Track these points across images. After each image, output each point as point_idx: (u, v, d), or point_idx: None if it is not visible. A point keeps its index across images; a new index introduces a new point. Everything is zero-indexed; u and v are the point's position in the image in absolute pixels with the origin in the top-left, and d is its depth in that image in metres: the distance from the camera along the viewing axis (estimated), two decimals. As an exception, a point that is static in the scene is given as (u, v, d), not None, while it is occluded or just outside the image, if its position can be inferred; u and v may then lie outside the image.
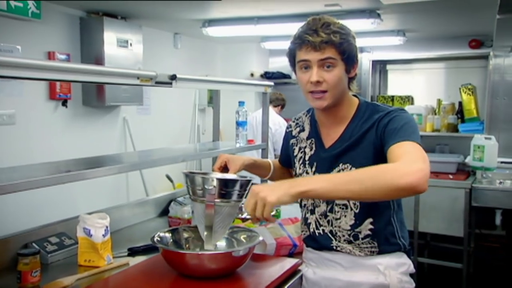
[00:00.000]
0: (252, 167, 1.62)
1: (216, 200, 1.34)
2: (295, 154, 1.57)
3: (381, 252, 1.41)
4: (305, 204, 1.53)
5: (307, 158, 1.52)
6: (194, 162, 4.95)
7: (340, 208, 1.43)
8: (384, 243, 1.41)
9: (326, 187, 1.17)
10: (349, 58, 1.36)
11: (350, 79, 1.43)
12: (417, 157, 1.19)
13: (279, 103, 4.47)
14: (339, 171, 1.41)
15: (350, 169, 1.40)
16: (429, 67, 4.89)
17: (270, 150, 4.09)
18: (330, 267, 1.47)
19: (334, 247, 1.46)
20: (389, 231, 1.41)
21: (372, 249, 1.41)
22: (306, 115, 1.59)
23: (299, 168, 1.54)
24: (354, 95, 1.49)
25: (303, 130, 1.57)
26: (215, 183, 1.33)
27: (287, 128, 1.66)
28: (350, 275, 1.43)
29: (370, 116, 1.40)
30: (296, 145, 1.58)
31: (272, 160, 1.78)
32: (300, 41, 1.36)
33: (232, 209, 1.40)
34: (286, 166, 1.73)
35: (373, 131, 1.36)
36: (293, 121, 1.65)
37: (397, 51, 4.71)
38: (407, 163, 1.18)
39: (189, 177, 1.40)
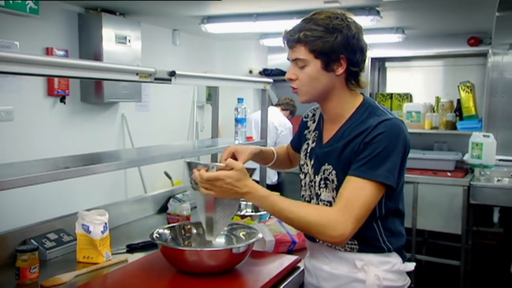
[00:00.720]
0: (258, 156, 1.63)
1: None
2: (303, 146, 1.58)
3: (361, 250, 1.41)
4: (303, 195, 1.55)
5: (309, 150, 1.53)
6: (193, 159, 4.94)
7: (324, 204, 1.44)
8: (364, 244, 1.40)
9: (271, 212, 1.37)
10: (323, 55, 1.34)
11: (348, 76, 1.39)
12: (351, 212, 1.28)
13: (288, 108, 4.46)
14: (324, 170, 1.42)
15: (331, 171, 1.40)
16: (428, 64, 4.88)
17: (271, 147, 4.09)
18: (319, 257, 1.49)
19: (318, 240, 1.47)
20: (370, 235, 1.40)
21: (352, 246, 1.41)
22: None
23: (301, 159, 1.56)
24: (362, 94, 1.46)
25: (314, 121, 1.58)
26: (215, 170, 1.32)
27: (304, 117, 1.65)
28: (334, 267, 1.44)
29: (365, 120, 1.37)
30: (306, 136, 1.58)
31: (274, 148, 1.78)
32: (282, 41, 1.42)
33: (234, 200, 1.39)
34: (298, 152, 1.69)
35: (358, 141, 1.34)
36: (311, 111, 1.64)
37: (396, 49, 4.70)
38: (337, 222, 1.28)
39: (192, 165, 1.39)
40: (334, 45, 1.33)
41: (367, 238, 1.39)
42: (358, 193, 1.30)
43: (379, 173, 1.30)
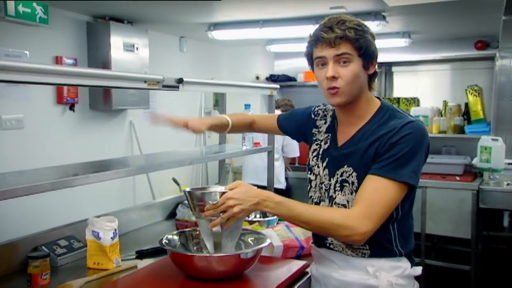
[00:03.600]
0: (213, 128, 1.71)
1: (221, 214, 1.32)
2: (312, 145, 1.58)
3: (373, 255, 1.40)
4: (311, 196, 1.54)
5: (321, 151, 1.52)
6: (201, 166, 4.96)
7: (338, 207, 1.43)
8: (376, 248, 1.39)
9: (287, 217, 1.35)
10: (366, 54, 1.36)
11: (371, 77, 1.42)
12: (373, 212, 1.29)
13: (288, 109, 4.47)
14: (342, 173, 1.41)
15: (352, 173, 1.39)
16: (435, 68, 4.87)
17: (278, 151, 4.09)
18: (327, 264, 1.48)
19: (328, 244, 1.46)
20: (385, 237, 1.39)
21: (364, 251, 1.40)
22: (332, 108, 1.58)
23: (312, 160, 1.55)
24: (377, 97, 1.48)
25: (325, 122, 1.57)
26: (218, 197, 1.32)
27: (313, 112, 1.63)
28: (344, 274, 1.43)
29: (386, 122, 1.38)
30: (316, 136, 1.57)
31: (229, 115, 1.78)
32: (315, 39, 1.39)
33: (238, 221, 1.39)
34: (283, 129, 1.75)
35: (383, 141, 1.34)
36: (321, 110, 1.61)
37: (402, 53, 4.70)
38: (359, 221, 1.28)
39: (191, 194, 1.40)
40: (372, 45, 1.38)
41: (381, 241, 1.39)
42: (381, 192, 1.30)
43: (403, 173, 1.30)
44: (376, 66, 1.43)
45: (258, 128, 1.85)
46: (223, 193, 1.32)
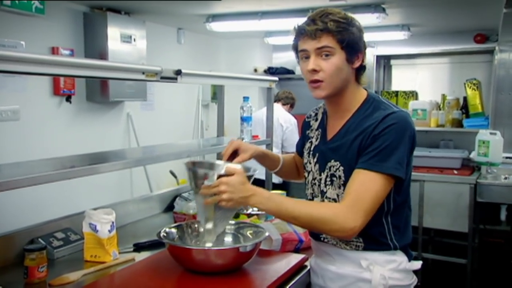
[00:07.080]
0: (262, 157, 1.65)
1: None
2: (306, 144, 1.58)
3: (366, 248, 1.40)
4: (306, 193, 1.55)
5: (312, 148, 1.53)
6: (198, 158, 4.95)
7: (329, 201, 1.44)
8: (370, 241, 1.39)
9: (276, 213, 1.34)
10: (349, 46, 1.35)
11: (358, 71, 1.41)
12: (361, 206, 1.28)
13: (289, 102, 4.44)
14: (330, 167, 1.42)
15: (339, 167, 1.40)
16: (434, 62, 4.85)
17: (278, 146, 4.08)
18: (324, 257, 1.49)
19: (322, 239, 1.47)
20: (378, 231, 1.39)
21: (358, 243, 1.40)
22: (323, 105, 1.58)
23: (305, 158, 1.56)
24: (365, 89, 1.47)
25: (316, 120, 1.58)
26: (215, 177, 1.32)
27: (307, 117, 1.65)
28: (338, 267, 1.44)
29: (371, 114, 1.38)
30: (309, 135, 1.58)
31: (283, 155, 1.79)
32: (298, 32, 1.39)
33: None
34: (300, 155, 1.71)
35: (366, 134, 1.35)
36: (313, 111, 1.64)
37: (401, 46, 4.68)
38: (347, 216, 1.27)
39: (191, 170, 1.40)
40: (356, 38, 1.36)
41: (374, 234, 1.39)
42: (368, 186, 1.29)
43: (388, 165, 1.30)
44: (364, 60, 1.42)
45: (299, 163, 1.76)
46: (221, 174, 1.32)
